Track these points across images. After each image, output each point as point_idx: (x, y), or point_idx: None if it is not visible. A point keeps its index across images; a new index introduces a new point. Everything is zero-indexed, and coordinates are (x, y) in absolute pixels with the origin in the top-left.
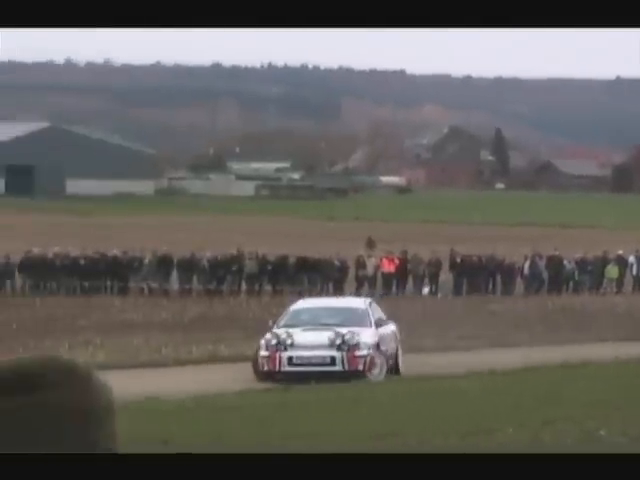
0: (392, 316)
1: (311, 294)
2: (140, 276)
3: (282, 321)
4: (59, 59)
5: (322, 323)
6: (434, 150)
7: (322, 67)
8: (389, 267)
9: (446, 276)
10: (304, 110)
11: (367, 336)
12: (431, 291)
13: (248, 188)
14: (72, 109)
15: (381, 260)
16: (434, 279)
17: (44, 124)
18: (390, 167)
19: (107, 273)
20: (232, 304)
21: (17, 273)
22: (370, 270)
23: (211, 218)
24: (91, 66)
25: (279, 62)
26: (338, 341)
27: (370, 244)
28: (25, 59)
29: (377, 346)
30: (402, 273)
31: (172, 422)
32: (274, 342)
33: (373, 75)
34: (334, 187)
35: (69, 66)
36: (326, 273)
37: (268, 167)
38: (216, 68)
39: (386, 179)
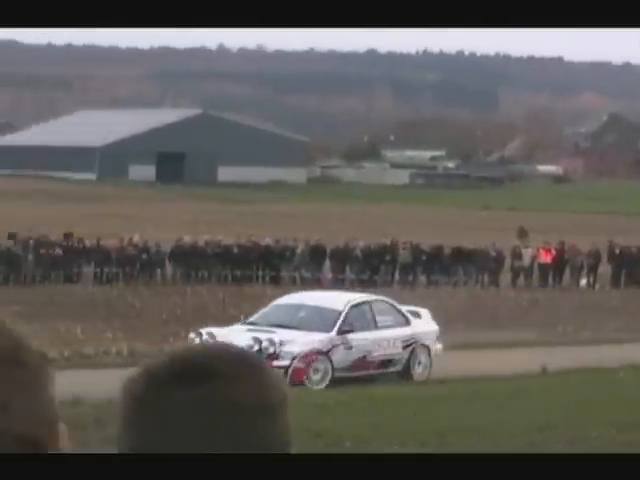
0: (548, 308)
1: (466, 285)
2: (292, 265)
3: (251, 317)
4: (212, 45)
5: (278, 324)
6: (593, 139)
7: (478, 54)
8: (546, 258)
9: (604, 267)
10: (460, 97)
11: (300, 344)
12: (588, 283)
13: (402, 176)
14: (224, 95)
15: (538, 251)
16: (593, 270)
17: (196, 111)
18: (548, 156)
19: (259, 262)
20: (385, 294)
21: (168, 261)
22: (526, 261)
23: (364, 207)
24: (244, 52)
25: (434, 48)
26: (256, 347)
27: (521, 234)
28: (178, 45)
29: (321, 354)
30: (559, 264)
31: (326, 414)
32: (196, 343)
33: (530, 62)
34: (490, 176)
35: (222, 52)
36: (481, 263)
37: (423, 155)
38: (371, 54)
39: (543, 168)
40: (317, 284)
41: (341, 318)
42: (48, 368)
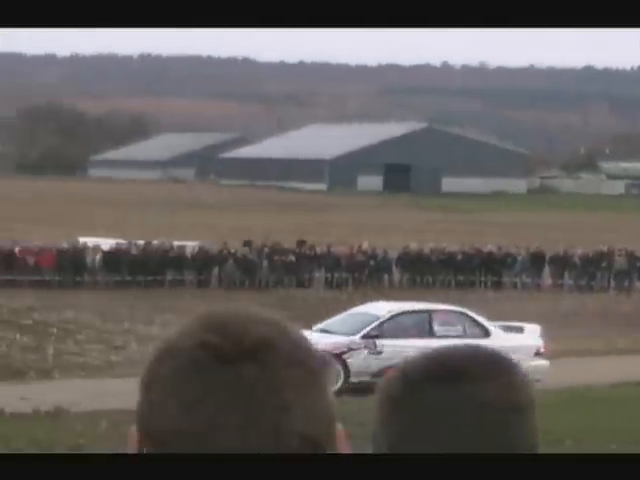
0: None
1: None
2: (514, 271)
3: (321, 324)
4: (436, 62)
5: (324, 329)
6: None
7: None
8: None
9: None
10: None
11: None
12: None
13: (618, 187)
14: (448, 110)
15: None
16: None
17: (421, 124)
18: None
19: (481, 268)
20: (602, 300)
21: (395, 267)
22: None
23: (582, 216)
24: (466, 69)
25: None
26: None
27: None
28: (403, 62)
29: (334, 356)
30: None
31: (547, 413)
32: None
33: None
34: None
35: (445, 69)
36: None
37: (638, 167)
38: (588, 71)
39: None
40: (537, 289)
41: (374, 323)
42: (327, 369)
